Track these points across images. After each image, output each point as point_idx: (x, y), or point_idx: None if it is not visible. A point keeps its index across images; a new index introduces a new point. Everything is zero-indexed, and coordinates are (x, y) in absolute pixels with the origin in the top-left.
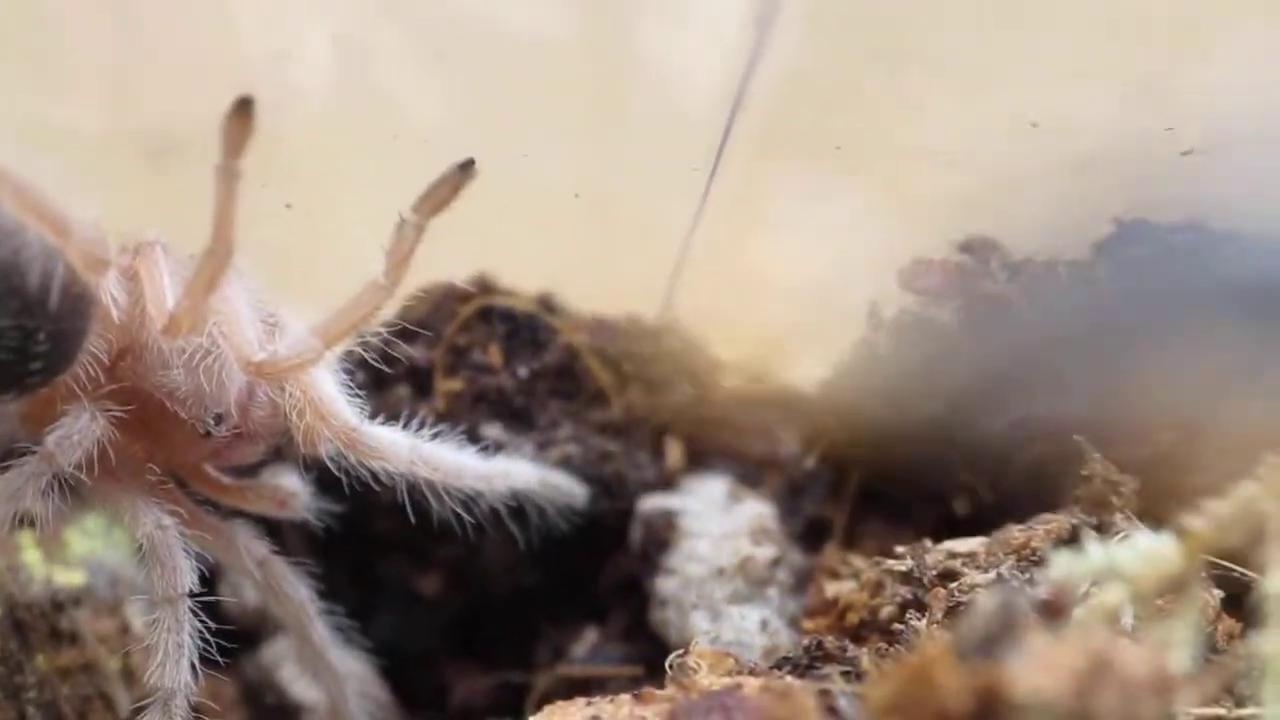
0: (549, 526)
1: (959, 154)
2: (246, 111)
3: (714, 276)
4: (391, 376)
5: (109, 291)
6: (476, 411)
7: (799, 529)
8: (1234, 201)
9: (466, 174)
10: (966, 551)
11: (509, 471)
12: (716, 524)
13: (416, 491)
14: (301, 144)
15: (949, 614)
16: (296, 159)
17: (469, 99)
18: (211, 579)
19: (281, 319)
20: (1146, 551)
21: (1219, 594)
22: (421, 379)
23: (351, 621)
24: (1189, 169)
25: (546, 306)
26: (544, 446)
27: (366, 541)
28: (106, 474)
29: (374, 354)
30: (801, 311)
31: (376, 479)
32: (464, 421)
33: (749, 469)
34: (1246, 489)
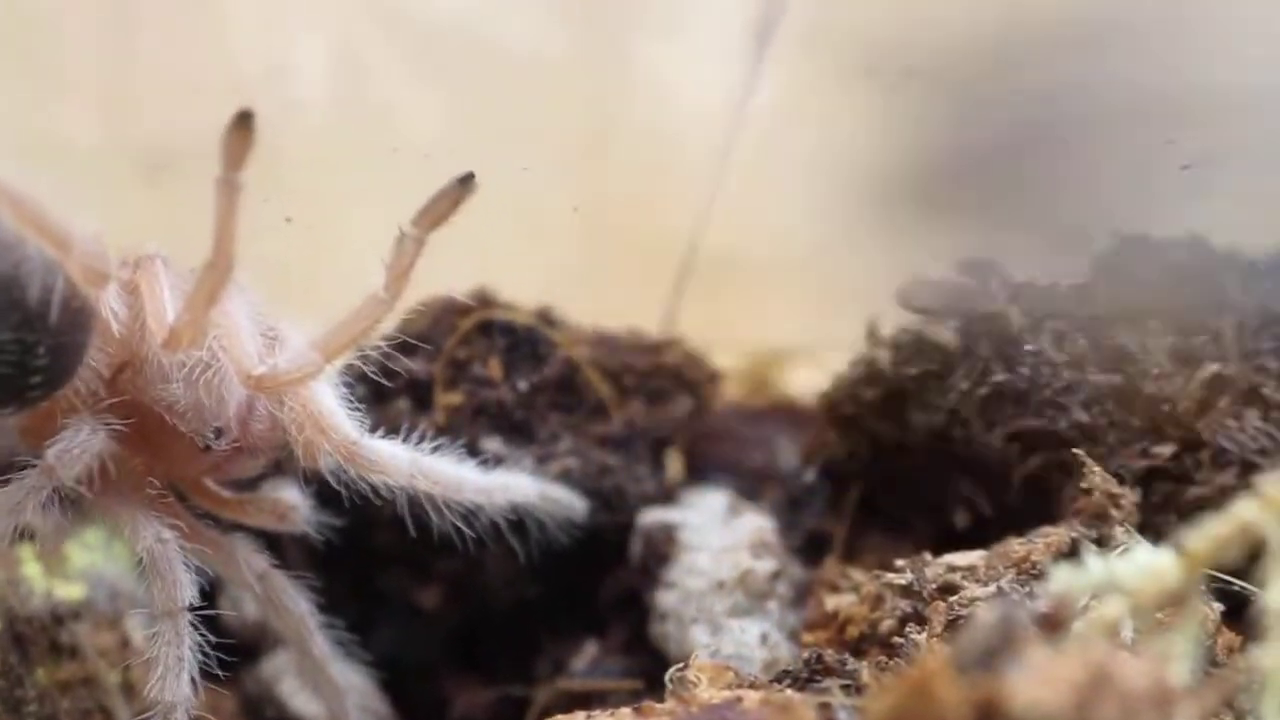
0: (549, 540)
1: (957, 166)
2: (247, 124)
3: (714, 290)
4: (391, 390)
5: (109, 305)
6: (476, 425)
7: (799, 542)
8: (1234, 216)
9: (466, 188)
10: (966, 565)
11: (509, 485)
12: (716, 537)
13: (416, 505)
14: (301, 158)
15: (949, 627)
16: (296, 173)
17: (469, 113)
18: (211, 592)
19: (281, 333)
20: (1146, 565)
21: (1219, 607)
22: (421, 392)
23: (352, 635)
24: (1189, 183)
25: (546, 320)
26: (544, 460)
27: (367, 555)
28: (106, 488)
29: (374, 367)
30: (801, 326)
31: (376, 493)
32: (464, 435)
33: (749, 482)
34: (1245, 506)
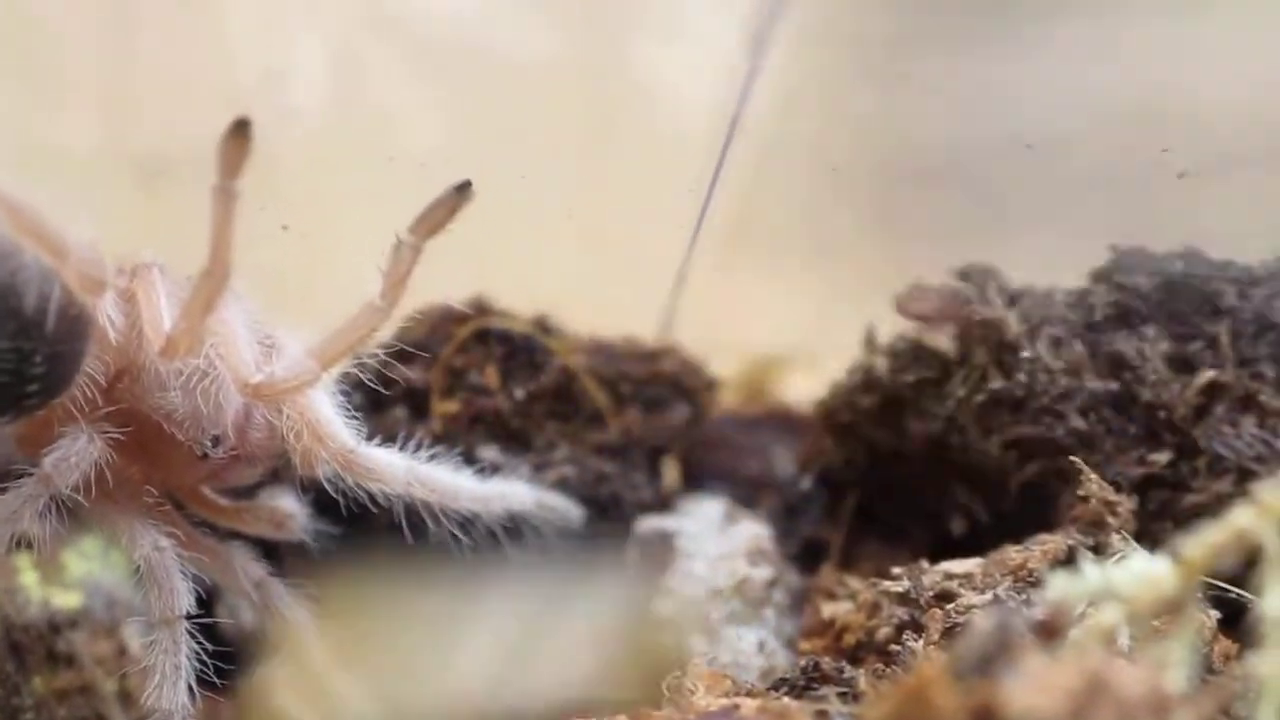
0: (546, 548)
1: (955, 174)
2: (244, 132)
3: (710, 297)
4: (389, 398)
5: (106, 313)
6: (473, 433)
7: (795, 550)
8: (1230, 225)
9: (463, 196)
10: (963, 572)
11: (505, 493)
12: (713, 545)
13: (414, 513)
14: (298, 165)
15: (946, 635)
16: (293, 180)
17: (466, 121)
18: (209, 601)
19: (278, 340)
20: (1143, 573)
21: (1216, 615)
22: (419, 401)
23: None
24: (1185, 191)
25: (543, 328)
26: (541, 468)
27: (364, 563)
28: (104, 496)
29: (371, 376)
30: (798, 333)
31: (374, 501)
32: (461, 443)
33: (745, 490)
34: (1241, 513)
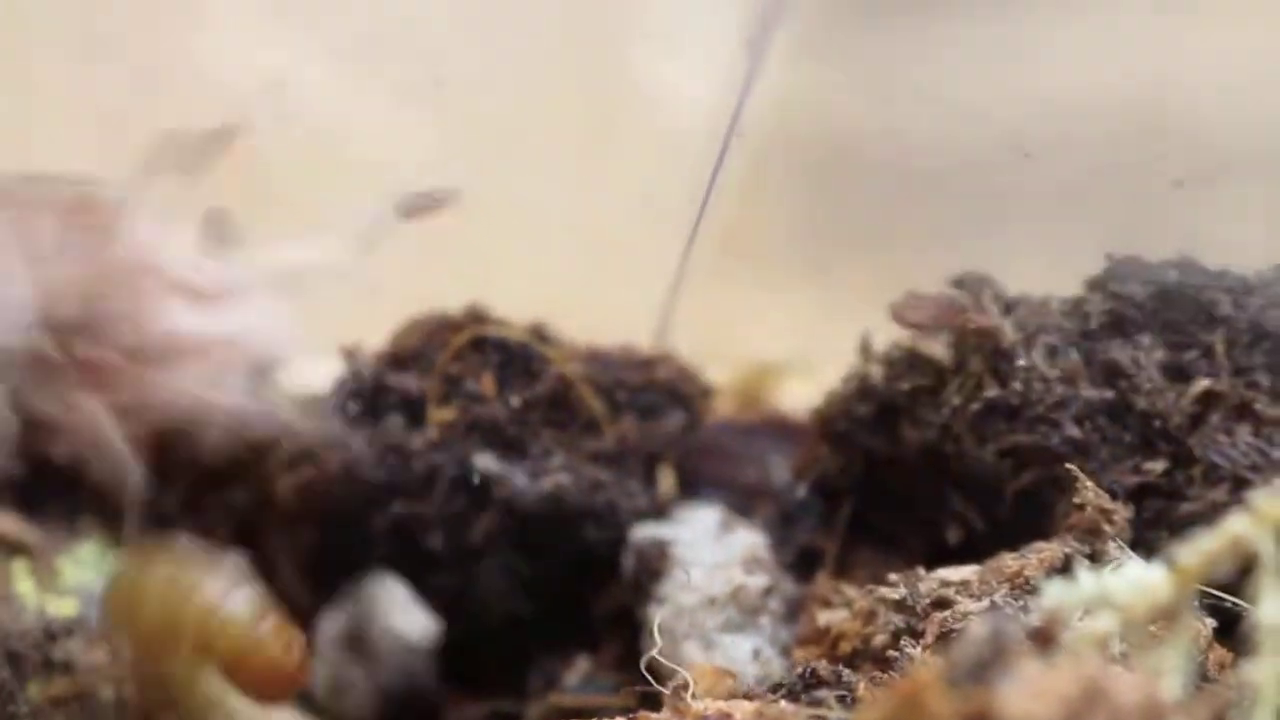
0: (542, 555)
1: (951, 181)
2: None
3: (706, 305)
4: (384, 406)
5: None
6: (469, 440)
7: (791, 558)
8: (1226, 233)
9: (447, 198)
10: (960, 580)
11: None
12: (709, 553)
13: (409, 521)
14: (294, 174)
15: (941, 641)
16: (290, 189)
17: (462, 128)
18: None
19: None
20: (1138, 580)
21: (1211, 623)
22: (414, 408)
23: None
24: (1181, 199)
25: (539, 336)
26: (536, 475)
27: (359, 572)
28: None
29: (367, 383)
30: (794, 341)
31: (371, 505)
32: (457, 451)
33: (741, 498)
34: (1237, 521)
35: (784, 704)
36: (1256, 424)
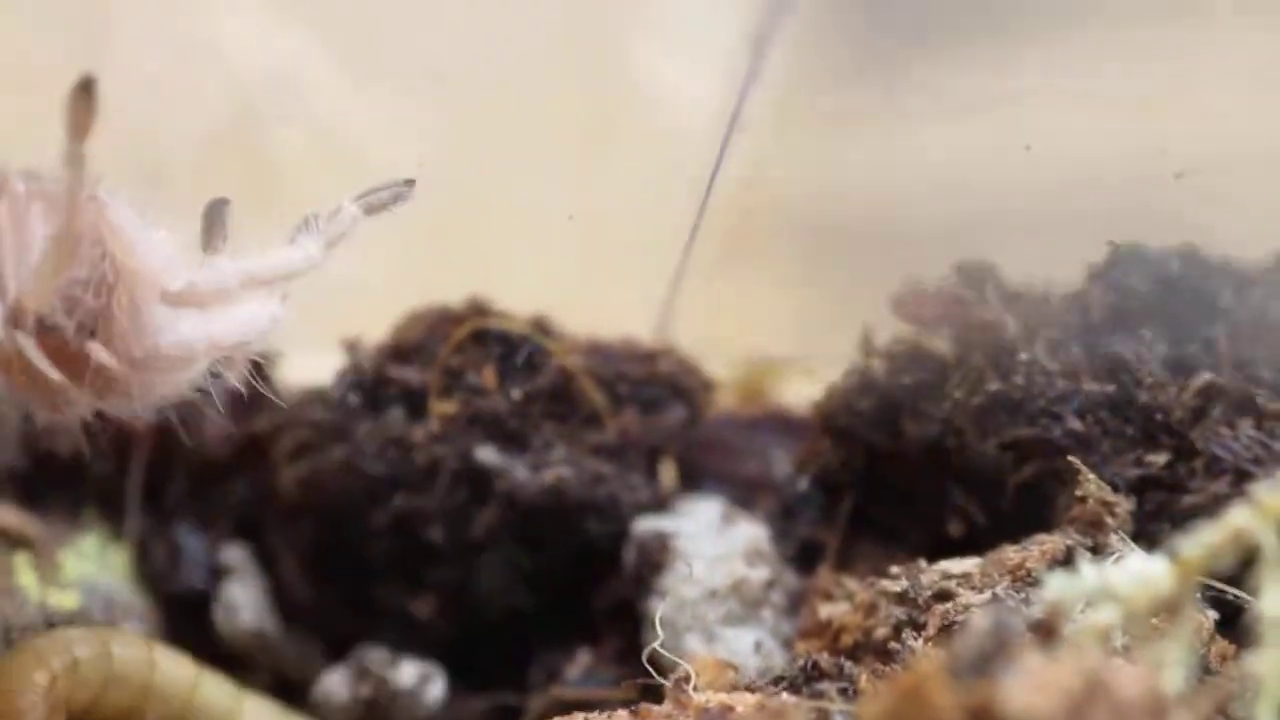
0: (543, 548)
1: (953, 177)
2: (90, 91)
3: (708, 299)
4: (386, 398)
5: None
6: (471, 433)
7: (792, 551)
8: (1228, 224)
9: (406, 190)
10: (961, 572)
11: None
12: (711, 546)
13: (410, 514)
14: (296, 169)
15: (943, 634)
16: (291, 184)
17: (465, 124)
18: (207, 601)
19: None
20: (1140, 573)
21: (1213, 615)
22: (416, 401)
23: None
24: (1184, 191)
25: (541, 329)
26: (538, 468)
27: (360, 565)
28: None
29: (368, 376)
30: (795, 335)
31: (373, 498)
32: (458, 443)
33: (743, 491)
34: (1239, 513)
35: (786, 696)
36: (1258, 417)
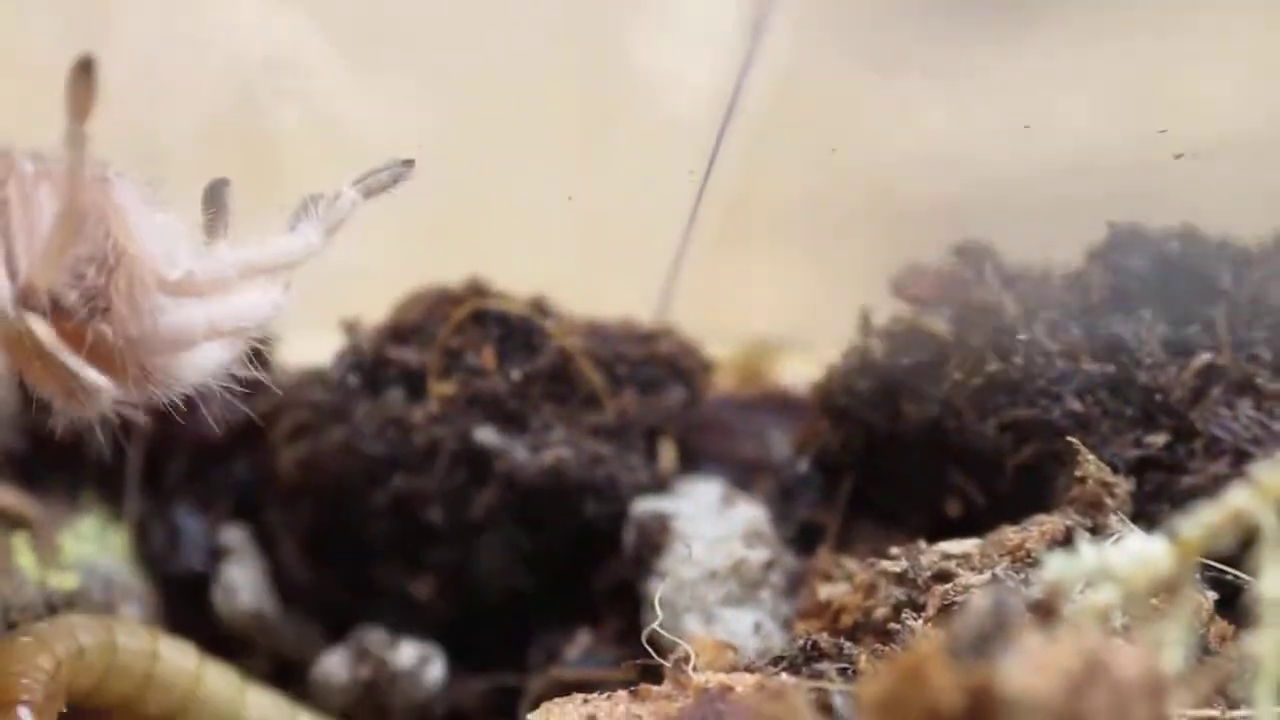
0: (543, 529)
1: (952, 158)
2: (89, 71)
3: (707, 280)
4: (385, 379)
5: None
6: (470, 414)
7: (792, 532)
8: (1227, 205)
9: (405, 171)
10: (961, 553)
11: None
12: (710, 527)
13: (409, 495)
14: (296, 156)
15: (943, 614)
16: (291, 171)
17: (463, 104)
18: (205, 582)
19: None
20: (1139, 553)
21: (1212, 596)
22: (415, 382)
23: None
24: (1182, 171)
25: (540, 310)
26: (537, 449)
27: (359, 547)
28: None
29: (367, 356)
30: (794, 316)
31: (372, 479)
32: (457, 424)
33: (742, 472)
34: (1238, 494)
35: (785, 676)
36: (1258, 397)
